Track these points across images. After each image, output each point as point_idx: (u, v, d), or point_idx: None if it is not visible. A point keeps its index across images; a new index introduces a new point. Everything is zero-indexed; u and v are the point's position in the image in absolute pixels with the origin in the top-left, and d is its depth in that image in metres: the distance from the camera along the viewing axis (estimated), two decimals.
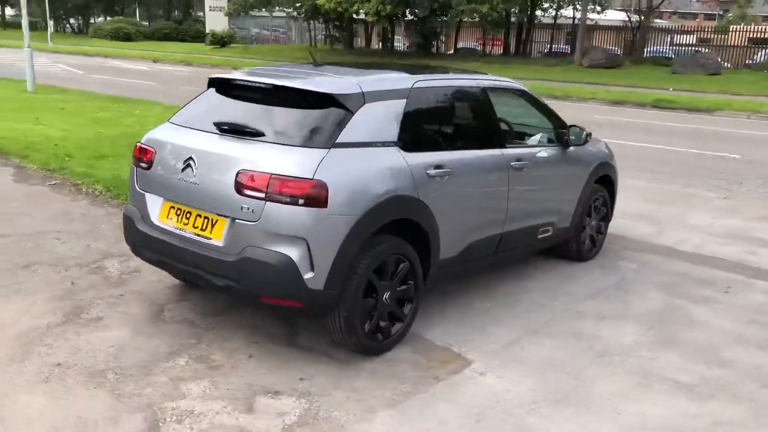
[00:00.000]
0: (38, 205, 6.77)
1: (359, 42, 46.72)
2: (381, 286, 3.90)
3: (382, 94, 4.04)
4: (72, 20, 72.14)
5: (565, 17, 39.48)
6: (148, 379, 3.60)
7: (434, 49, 41.75)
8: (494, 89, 4.94)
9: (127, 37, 52.90)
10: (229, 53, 40.74)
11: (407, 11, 36.85)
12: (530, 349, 4.20)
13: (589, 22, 35.80)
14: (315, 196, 3.50)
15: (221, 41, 44.68)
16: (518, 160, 4.83)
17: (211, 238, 3.75)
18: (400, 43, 45.30)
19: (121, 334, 4.10)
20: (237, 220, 3.63)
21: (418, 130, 4.22)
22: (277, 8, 42.79)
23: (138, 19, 65.51)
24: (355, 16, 38.54)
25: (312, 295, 3.59)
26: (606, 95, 21.63)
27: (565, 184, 5.46)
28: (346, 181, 3.63)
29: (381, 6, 34.22)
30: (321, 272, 3.58)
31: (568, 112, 8.00)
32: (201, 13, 57.06)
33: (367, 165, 3.78)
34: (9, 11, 74.34)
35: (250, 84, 4.12)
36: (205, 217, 3.79)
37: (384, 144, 3.90)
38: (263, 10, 43.21)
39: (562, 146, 5.38)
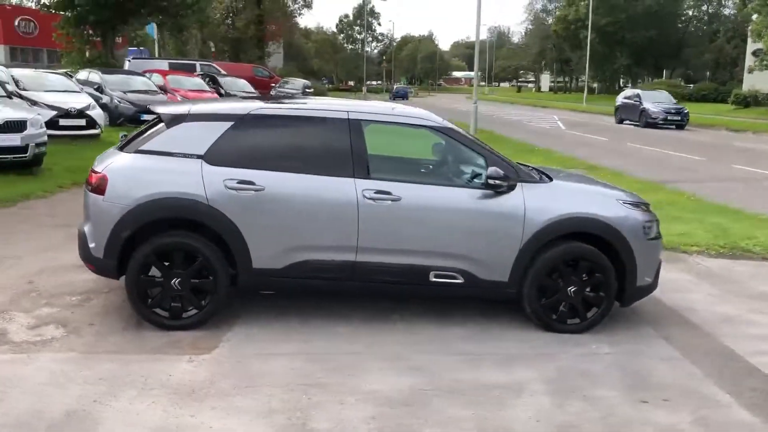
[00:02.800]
0: None
1: None
2: (167, 272, 4.74)
3: (206, 117, 4.90)
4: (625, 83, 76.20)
5: None
6: (35, 299, 5.28)
7: None
8: (391, 123, 5.04)
9: None
10: (742, 114, 37.83)
11: None
12: (271, 361, 4.37)
13: None
14: (97, 186, 4.70)
15: (744, 101, 41.53)
16: (381, 192, 4.80)
17: None
18: None
19: (81, 278, 5.75)
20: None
21: (234, 148, 4.81)
22: None
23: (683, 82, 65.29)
24: None
25: (96, 260, 4.78)
26: None
27: (483, 232, 4.93)
28: (125, 177, 4.70)
29: None
30: (99, 244, 4.73)
31: None
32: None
33: (154, 169, 4.73)
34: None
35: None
36: None
37: (186, 155, 4.75)
38: None
39: (489, 190, 4.91)
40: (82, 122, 14.76)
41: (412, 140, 5.59)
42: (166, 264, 4.75)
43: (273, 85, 35.78)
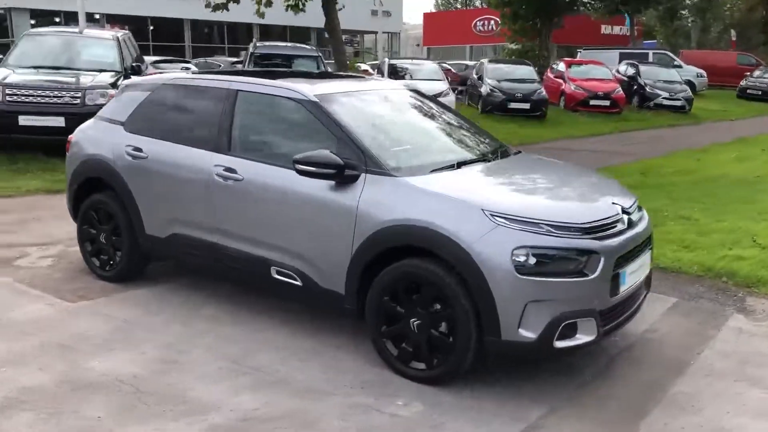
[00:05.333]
0: None
1: None
2: (99, 228, 5.29)
3: (136, 87, 5.23)
4: None
5: None
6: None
7: None
8: (257, 94, 4.54)
9: None
10: None
11: None
12: (93, 320, 4.51)
13: None
14: (68, 146, 5.53)
15: None
16: (228, 170, 4.40)
17: None
18: None
19: None
20: None
21: (142, 116, 4.95)
22: None
23: None
24: None
25: (68, 209, 5.62)
26: None
27: (317, 229, 4.03)
28: (79, 141, 5.39)
29: None
30: (66, 197, 5.56)
31: None
32: None
33: (93, 133, 5.29)
34: None
35: None
36: None
37: (114, 122, 5.17)
38: None
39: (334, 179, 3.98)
40: None
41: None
42: (98, 219, 5.27)
43: (746, 74, 31.18)
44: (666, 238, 6.57)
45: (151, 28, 40.63)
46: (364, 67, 22.12)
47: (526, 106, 17.65)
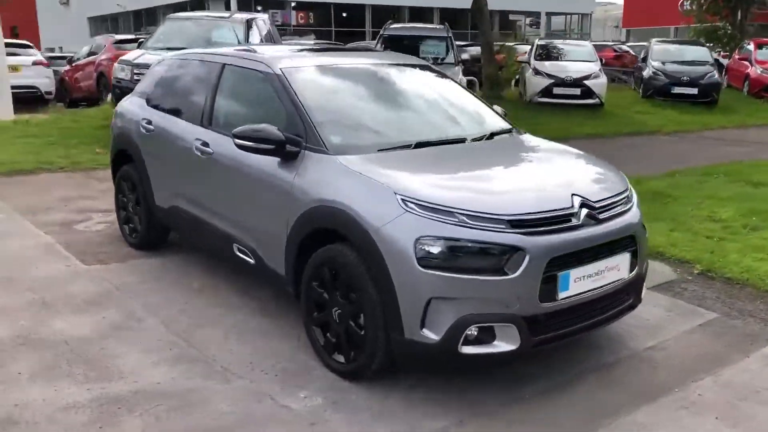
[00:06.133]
0: None
1: None
2: (127, 197, 5.56)
3: (161, 63, 5.40)
4: None
5: None
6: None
7: None
8: (236, 67, 4.47)
9: None
10: None
11: None
12: (84, 284, 4.80)
13: None
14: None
15: None
16: (204, 144, 4.41)
17: None
18: None
19: None
20: None
21: (155, 91, 5.13)
22: None
23: None
24: None
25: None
26: None
27: (264, 206, 3.89)
28: (118, 114, 5.68)
29: None
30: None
31: None
32: None
33: (128, 107, 5.54)
34: None
35: None
36: None
37: (142, 96, 5.40)
38: None
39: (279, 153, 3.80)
40: (577, 91, 14.84)
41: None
42: (126, 188, 5.54)
43: None
44: (754, 245, 5.60)
45: (344, 14, 42.38)
46: (523, 48, 21.15)
47: (693, 91, 15.91)
